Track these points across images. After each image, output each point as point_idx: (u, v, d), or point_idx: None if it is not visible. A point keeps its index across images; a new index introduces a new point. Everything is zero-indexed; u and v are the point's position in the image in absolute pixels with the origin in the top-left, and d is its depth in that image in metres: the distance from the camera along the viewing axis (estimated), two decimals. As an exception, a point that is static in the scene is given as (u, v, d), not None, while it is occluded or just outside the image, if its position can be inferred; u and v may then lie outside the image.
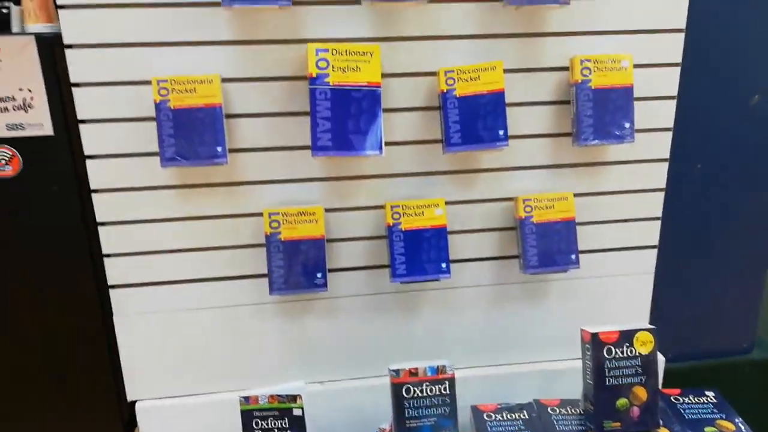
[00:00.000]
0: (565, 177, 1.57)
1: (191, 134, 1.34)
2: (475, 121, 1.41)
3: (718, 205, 1.80)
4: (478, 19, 1.44)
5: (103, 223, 1.44)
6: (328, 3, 1.38)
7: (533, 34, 1.46)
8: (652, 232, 1.65)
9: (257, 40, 1.38)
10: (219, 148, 1.35)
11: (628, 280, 1.68)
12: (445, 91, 1.41)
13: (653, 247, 1.66)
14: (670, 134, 1.59)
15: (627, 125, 1.46)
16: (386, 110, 1.45)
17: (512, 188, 1.56)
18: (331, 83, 1.34)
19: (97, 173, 1.41)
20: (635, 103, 1.48)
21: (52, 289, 1.45)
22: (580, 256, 1.58)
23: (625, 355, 1.41)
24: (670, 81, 1.55)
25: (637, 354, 1.41)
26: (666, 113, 1.57)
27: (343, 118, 1.35)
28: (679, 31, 1.51)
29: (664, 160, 1.60)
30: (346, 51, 1.35)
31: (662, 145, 1.59)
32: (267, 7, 1.31)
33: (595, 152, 1.56)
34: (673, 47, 1.52)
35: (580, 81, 1.44)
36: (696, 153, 1.74)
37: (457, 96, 1.41)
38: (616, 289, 1.68)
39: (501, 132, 1.41)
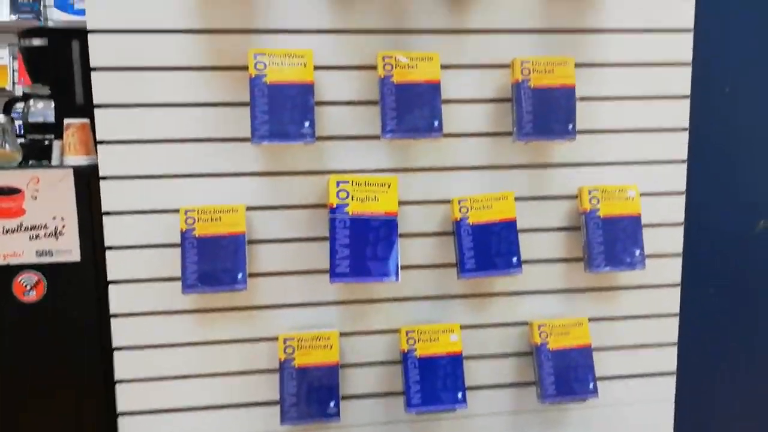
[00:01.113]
0: (579, 302, 1.58)
1: (214, 261, 1.38)
2: (488, 248, 1.45)
3: (736, 329, 1.79)
4: (490, 151, 1.52)
5: (119, 348, 1.44)
6: (349, 138, 1.47)
7: (542, 165, 1.54)
8: (669, 358, 1.63)
9: (282, 171, 1.46)
10: (240, 275, 1.38)
11: (648, 407, 1.64)
12: (459, 219, 1.46)
13: (671, 373, 1.63)
14: (680, 260, 1.62)
15: (637, 252, 1.49)
16: (402, 235, 1.49)
17: (527, 312, 1.57)
18: (350, 213, 1.40)
19: (118, 298, 1.43)
20: (644, 229, 1.52)
21: (62, 415, 1.43)
22: (597, 382, 1.55)
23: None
24: (676, 208, 1.60)
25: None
26: (675, 239, 1.61)
27: (362, 245, 1.39)
28: (681, 162, 1.59)
29: (676, 285, 1.62)
30: (365, 183, 1.42)
31: (673, 270, 1.61)
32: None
33: (608, 277, 1.59)
34: (677, 176, 1.59)
35: (589, 210, 1.49)
36: (708, 278, 1.76)
37: (471, 224, 1.46)
38: (636, 417, 1.63)
39: (514, 259, 1.44)
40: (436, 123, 1.40)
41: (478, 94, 1.50)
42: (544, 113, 1.42)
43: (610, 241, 1.48)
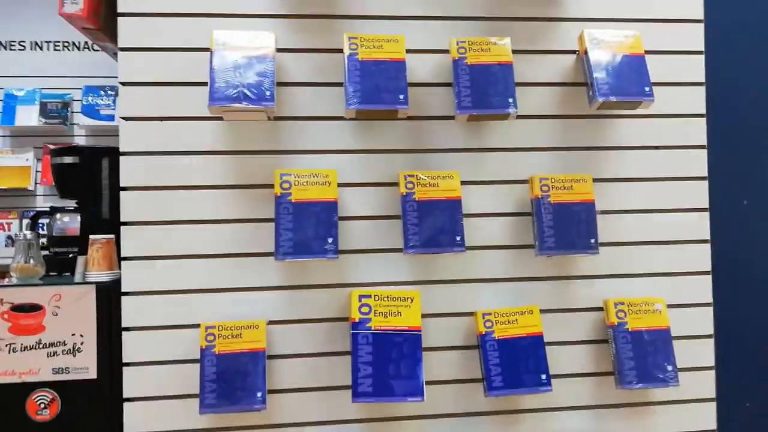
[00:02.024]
0: (611, 419, 1.51)
1: (233, 380, 1.34)
2: (516, 364, 1.41)
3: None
4: (512, 263, 1.51)
5: (131, 472, 1.38)
6: (371, 251, 1.48)
7: (565, 277, 1.53)
8: (711, 481, 1.54)
9: (303, 285, 1.46)
10: (259, 394, 1.34)
11: None
12: (483, 333, 1.43)
13: (714, 498, 1.53)
14: (713, 373, 1.56)
15: (669, 368, 1.44)
16: (425, 349, 1.46)
17: (556, 430, 1.50)
18: (373, 328, 1.38)
19: (133, 416, 1.39)
20: (675, 342, 1.48)
21: None
22: None
23: None
24: (704, 320, 1.56)
25: None
26: (706, 352, 1.56)
27: (385, 362, 1.36)
28: (706, 273, 1.57)
29: (711, 399, 1.56)
30: (387, 297, 1.40)
31: (707, 384, 1.55)
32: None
33: (639, 393, 1.53)
34: (703, 287, 1.57)
35: (616, 323, 1.46)
36: (743, 391, 1.69)
37: (497, 338, 1.43)
38: None
39: (543, 376, 1.40)
40: (458, 238, 1.40)
41: (499, 208, 1.52)
42: (565, 228, 1.43)
43: (640, 356, 1.44)
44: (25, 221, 4.24)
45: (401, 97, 1.41)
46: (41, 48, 4.23)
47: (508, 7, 1.54)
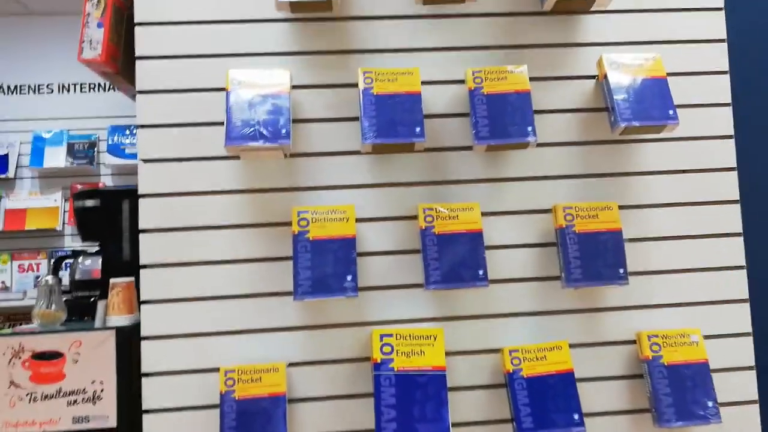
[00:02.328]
0: (650, 459, 1.44)
1: (253, 426, 1.30)
2: (546, 403, 1.34)
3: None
4: (538, 297, 1.46)
5: None
6: (392, 287, 1.44)
7: (594, 309, 1.47)
8: None
9: (323, 324, 1.42)
10: (280, 440, 1.30)
11: None
12: (511, 371, 1.38)
13: None
14: (756, 407, 1.47)
15: (710, 404, 1.36)
16: (450, 389, 1.41)
17: (592, 472, 1.42)
18: (395, 369, 1.33)
19: (153, 465, 1.36)
20: (714, 375, 1.40)
21: None
22: None
23: None
24: (744, 351, 1.48)
25: None
26: (747, 385, 1.48)
27: (409, 405, 1.31)
28: (743, 301, 1.50)
29: (758, 436, 1.47)
30: (409, 335, 1.36)
31: (751, 420, 1.47)
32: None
33: (680, 430, 1.44)
34: (741, 316, 1.49)
35: (651, 357, 1.39)
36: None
37: (525, 377, 1.37)
38: None
39: (576, 416, 1.33)
40: (480, 272, 1.36)
41: (522, 239, 1.47)
42: (592, 258, 1.38)
43: (678, 392, 1.37)
44: (53, 261, 4.33)
45: (417, 129, 1.39)
46: (68, 90, 4.35)
47: (523, 34, 1.52)
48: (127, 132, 4.21)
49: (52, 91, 4.35)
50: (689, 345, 1.41)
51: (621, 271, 1.38)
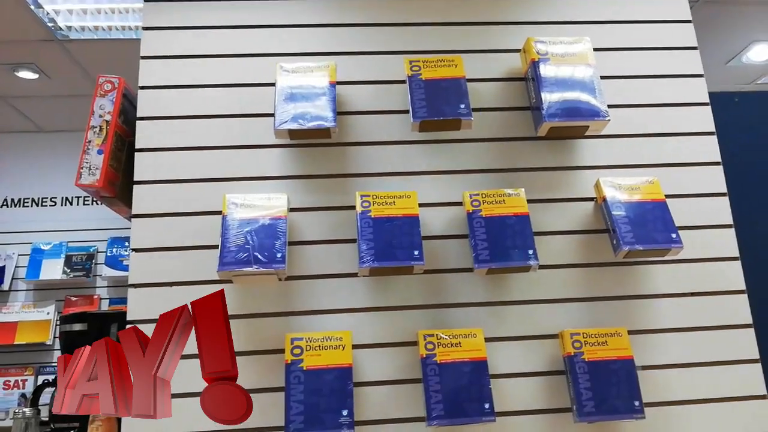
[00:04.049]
0: None
1: None
2: None
3: None
4: None
5: None
6: (392, 421, 1.34)
7: (610, 444, 1.36)
8: None
9: None
10: None
11: None
12: None
13: None
14: None
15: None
16: None
17: None
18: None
19: None
20: None
21: None
22: None
23: None
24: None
25: None
26: None
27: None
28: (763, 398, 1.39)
29: None
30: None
31: None
32: None
33: None
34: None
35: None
36: None
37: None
38: None
39: None
40: (486, 405, 1.27)
41: (528, 367, 1.40)
42: (605, 389, 1.30)
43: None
44: (41, 378, 4.14)
45: (416, 252, 1.36)
46: (71, 203, 4.41)
47: (519, 158, 1.54)
48: (127, 244, 4.21)
49: (55, 204, 4.41)
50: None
51: (636, 403, 1.29)
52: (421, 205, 1.45)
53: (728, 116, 1.81)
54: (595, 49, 1.61)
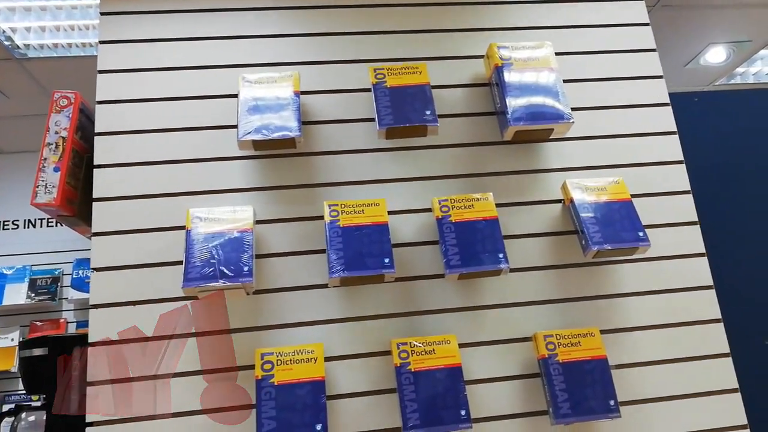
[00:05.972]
0: None
1: None
2: None
3: None
4: (525, 435, 1.35)
5: None
6: (365, 435, 1.32)
7: (587, 446, 1.35)
8: None
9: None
10: None
11: None
12: None
13: None
14: None
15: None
16: None
17: None
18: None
19: None
20: None
21: None
22: None
23: None
24: (753, 484, 1.37)
25: None
26: None
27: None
28: (742, 428, 1.40)
29: None
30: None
31: None
32: None
33: None
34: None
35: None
36: None
37: None
38: None
39: None
40: (463, 412, 1.26)
41: (503, 371, 1.39)
42: (580, 390, 1.29)
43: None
44: (6, 407, 3.99)
45: (387, 260, 1.34)
46: (34, 225, 4.28)
47: (486, 162, 1.54)
48: (94, 265, 4.10)
49: (18, 227, 4.28)
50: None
51: (612, 402, 1.29)
52: (390, 212, 1.44)
53: (689, 116, 1.85)
54: (557, 54, 1.63)
